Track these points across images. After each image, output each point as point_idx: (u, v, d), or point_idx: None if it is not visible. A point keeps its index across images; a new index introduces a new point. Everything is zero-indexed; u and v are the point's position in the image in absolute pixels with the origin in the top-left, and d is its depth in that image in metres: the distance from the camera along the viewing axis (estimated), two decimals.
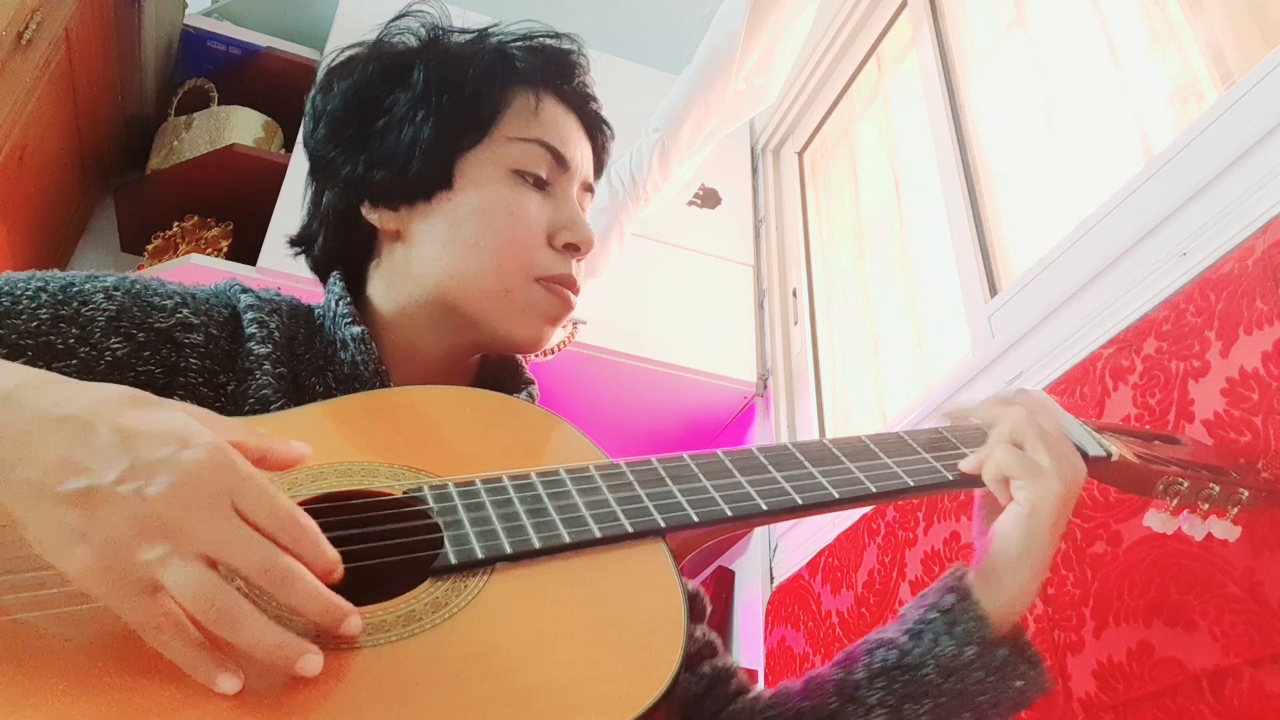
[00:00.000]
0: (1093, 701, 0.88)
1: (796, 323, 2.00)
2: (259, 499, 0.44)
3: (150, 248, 1.99)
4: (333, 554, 0.46)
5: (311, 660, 0.42)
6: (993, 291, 1.42)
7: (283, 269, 1.68)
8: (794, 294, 2.05)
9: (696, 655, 0.80)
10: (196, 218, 1.98)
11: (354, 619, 0.45)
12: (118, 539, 0.41)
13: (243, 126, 2.02)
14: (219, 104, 2.08)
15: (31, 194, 1.74)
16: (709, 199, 2.18)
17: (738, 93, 1.66)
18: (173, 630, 0.41)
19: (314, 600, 0.44)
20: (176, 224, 1.97)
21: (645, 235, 1.94)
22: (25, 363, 0.60)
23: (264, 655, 0.42)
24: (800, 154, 2.28)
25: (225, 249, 1.91)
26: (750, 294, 2.08)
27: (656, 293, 1.96)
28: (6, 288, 0.62)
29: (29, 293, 0.62)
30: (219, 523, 0.42)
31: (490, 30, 0.80)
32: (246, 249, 1.84)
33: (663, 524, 0.56)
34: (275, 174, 1.86)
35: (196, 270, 1.72)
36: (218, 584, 0.42)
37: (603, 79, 0.85)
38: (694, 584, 0.85)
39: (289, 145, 2.05)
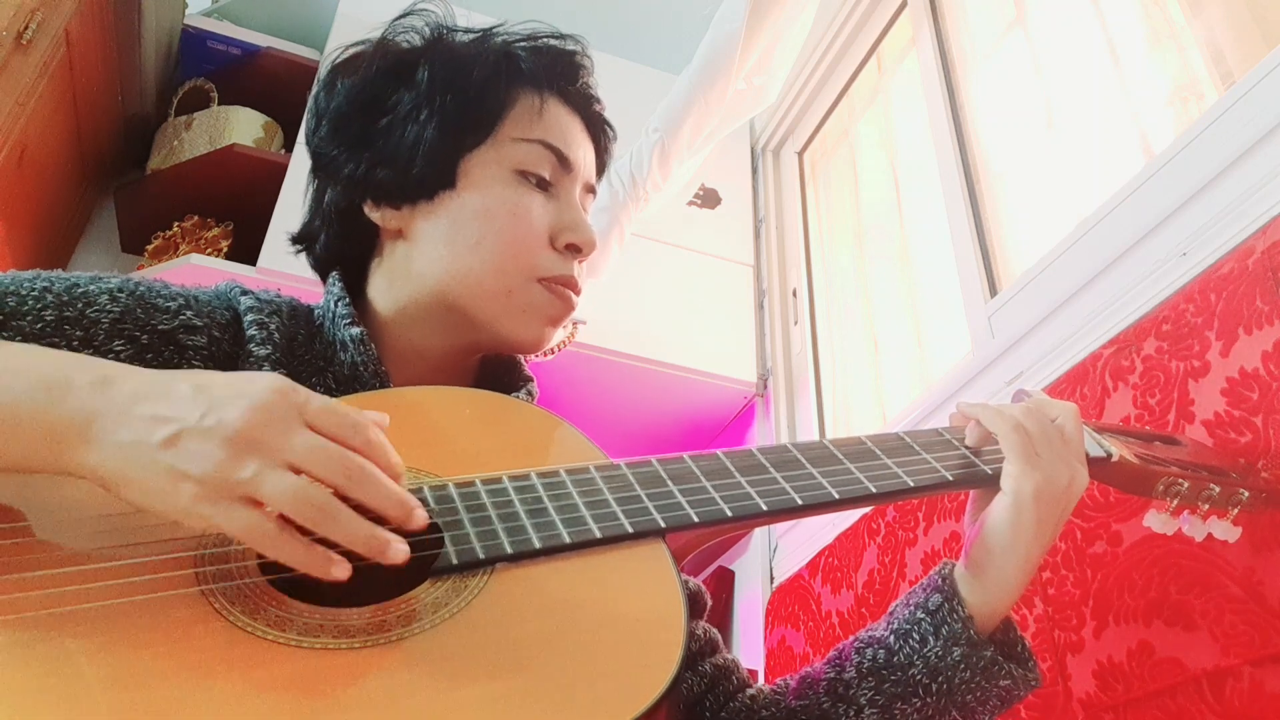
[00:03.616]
0: (1093, 701, 0.88)
1: (796, 323, 2.00)
2: (327, 412, 0.49)
3: (150, 248, 1.99)
4: (397, 459, 0.51)
5: (399, 549, 0.48)
6: (993, 291, 1.42)
7: (283, 269, 1.68)
8: (794, 294, 2.05)
9: (698, 653, 0.80)
10: (196, 218, 1.98)
11: (420, 512, 0.49)
12: (213, 466, 0.46)
13: (243, 126, 2.02)
14: (219, 104, 2.08)
15: (31, 194, 1.74)
16: (709, 199, 2.18)
17: (738, 93, 1.66)
18: (282, 534, 0.46)
19: (391, 495, 0.49)
20: (176, 224, 1.97)
21: (645, 235, 1.94)
22: None
23: (360, 546, 0.47)
24: (800, 154, 2.28)
25: (225, 249, 1.91)
26: (750, 294, 2.08)
27: (656, 293, 1.96)
28: (12, 288, 0.62)
29: (34, 293, 0.62)
30: (297, 435, 0.47)
31: (495, 30, 0.80)
32: (246, 249, 1.84)
33: (663, 524, 0.56)
34: (275, 174, 1.86)
35: (196, 270, 1.72)
36: (311, 486, 0.46)
37: (603, 79, 0.85)
38: (695, 581, 0.85)
39: (289, 145, 2.05)
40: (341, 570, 0.47)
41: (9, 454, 0.48)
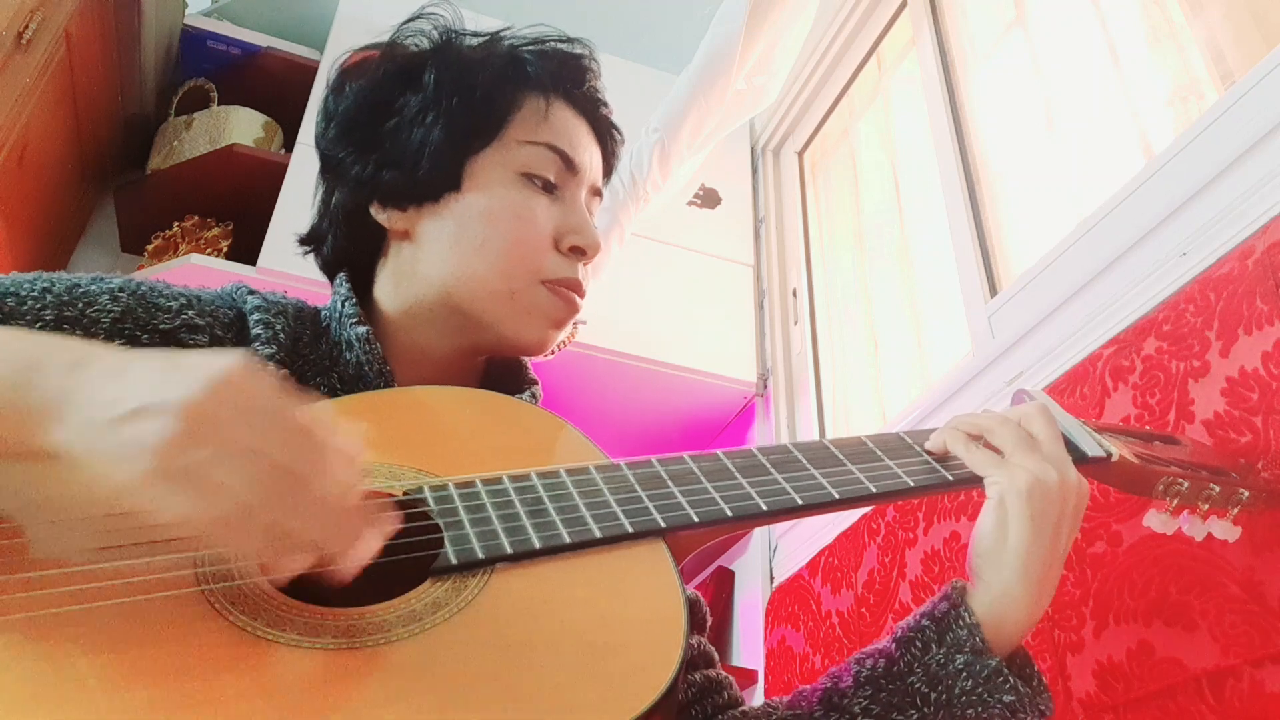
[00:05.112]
0: (1093, 701, 0.88)
1: (796, 323, 2.00)
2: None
3: (150, 248, 1.99)
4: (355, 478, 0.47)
5: (355, 555, 0.46)
6: (993, 291, 1.42)
7: (283, 269, 1.68)
8: (794, 294, 2.05)
9: (689, 664, 0.78)
10: (196, 218, 1.97)
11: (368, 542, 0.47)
12: (162, 443, 0.42)
13: (243, 126, 2.02)
14: (219, 104, 2.08)
15: (31, 194, 1.74)
16: (709, 199, 2.18)
17: (738, 92, 1.66)
18: (231, 522, 0.42)
19: (346, 476, 0.46)
20: (176, 224, 1.97)
21: (645, 235, 1.94)
22: None
23: (307, 544, 0.44)
24: (800, 154, 2.28)
25: (225, 249, 1.91)
26: (750, 294, 2.08)
27: (656, 293, 1.96)
28: (12, 288, 0.62)
29: (34, 293, 0.62)
30: (256, 416, 0.44)
31: (502, 34, 0.81)
32: (246, 249, 1.84)
33: (663, 524, 0.56)
34: (275, 174, 1.86)
35: (196, 270, 1.72)
36: (270, 471, 0.43)
37: (604, 79, 0.85)
38: (692, 591, 0.84)
39: (289, 145, 2.05)
40: (298, 563, 0.44)
41: None
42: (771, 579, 1.67)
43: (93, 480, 0.43)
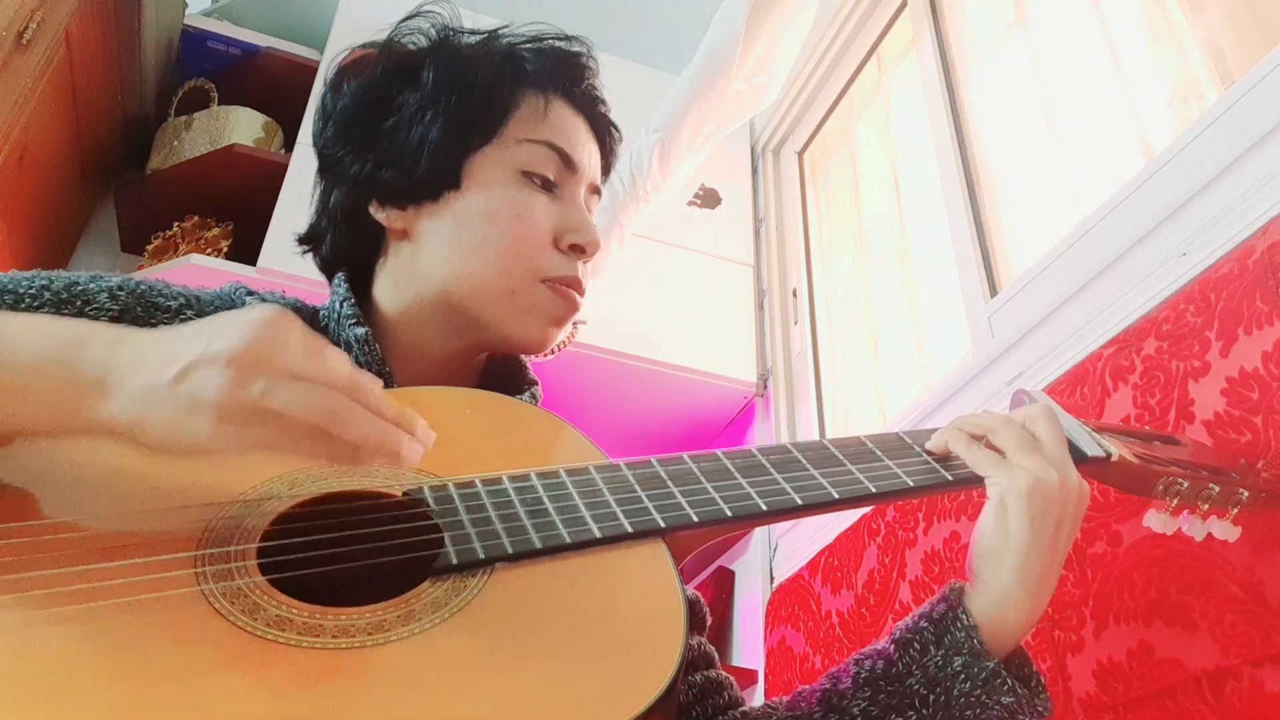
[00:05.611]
0: (1093, 701, 0.88)
1: (796, 323, 2.00)
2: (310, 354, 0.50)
3: (150, 248, 1.99)
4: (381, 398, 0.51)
5: (414, 447, 0.50)
6: (993, 291, 1.42)
7: (283, 269, 1.68)
8: (794, 294, 2.05)
9: (690, 664, 0.78)
10: (196, 218, 1.98)
11: (414, 443, 0.51)
12: (225, 388, 0.46)
13: (243, 126, 2.02)
14: (219, 104, 2.08)
15: (31, 194, 1.74)
16: (709, 199, 2.18)
17: (738, 92, 1.66)
18: (310, 438, 0.48)
19: (388, 407, 0.50)
20: (176, 224, 1.97)
21: (645, 235, 1.94)
22: None
23: (374, 444, 0.49)
24: (800, 154, 2.28)
25: (225, 249, 1.92)
26: (750, 294, 2.08)
27: (656, 293, 1.96)
28: (10, 286, 0.62)
29: (32, 291, 0.62)
30: (296, 351, 0.48)
31: (500, 32, 0.81)
32: (246, 249, 1.84)
33: (662, 524, 0.56)
34: (275, 174, 1.86)
35: (196, 270, 1.72)
36: (321, 392, 0.48)
37: (603, 79, 0.85)
38: (692, 591, 0.84)
39: (289, 145, 2.05)
40: (411, 450, 0.50)
41: (28, 414, 0.48)
42: (771, 579, 1.67)
43: (165, 440, 0.47)
